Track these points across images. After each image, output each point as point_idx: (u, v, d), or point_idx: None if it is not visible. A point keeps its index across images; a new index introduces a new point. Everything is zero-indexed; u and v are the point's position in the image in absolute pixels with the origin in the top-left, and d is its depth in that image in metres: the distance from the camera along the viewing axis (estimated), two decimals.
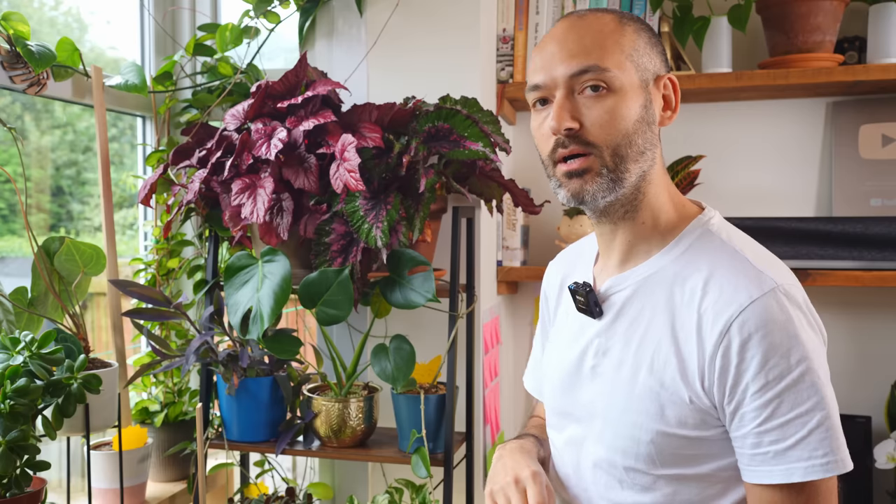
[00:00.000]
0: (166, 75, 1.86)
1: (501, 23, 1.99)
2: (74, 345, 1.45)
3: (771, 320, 0.91)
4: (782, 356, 0.90)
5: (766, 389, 0.91)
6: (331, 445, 1.59)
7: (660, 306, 0.99)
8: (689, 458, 0.97)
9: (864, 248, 1.79)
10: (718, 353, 0.93)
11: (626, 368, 1.01)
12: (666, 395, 0.97)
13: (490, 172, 1.58)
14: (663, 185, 1.04)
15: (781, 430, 0.91)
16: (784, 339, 0.91)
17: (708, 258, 0.99)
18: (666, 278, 1.00)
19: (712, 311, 0.94)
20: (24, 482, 1.24)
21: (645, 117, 1.01)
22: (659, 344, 0.98)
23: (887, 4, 1.81)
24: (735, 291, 0.93)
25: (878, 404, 1.96)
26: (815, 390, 0.91)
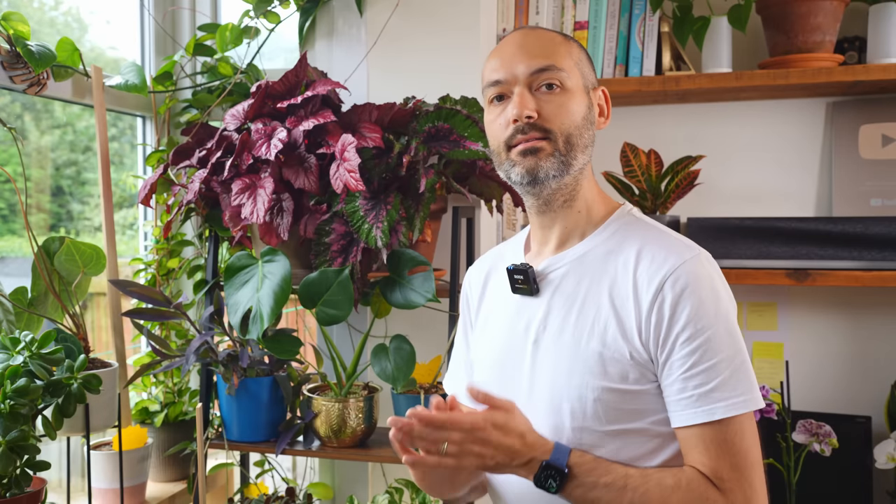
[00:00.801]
0: (166, 75, 1.86)
1: (501, 23, 1.99)
2: (74, 345, 1.45)
3: (699, 278, 1.04)
4: (708, 309, 1.03)
5: (694, 338, 1.02)
6: (331, 445, 1.59)
7: (596, 278, 1.11)
8: (630, 412, 1.06)
9: (864, 248, 1.79)
10: (654, 309, 1.04)
11: (568, 336, 1.10)
12: (608, 354, 1.07)
13: (490, 172, 1.58)
14: (593, 181, 1.19)
15: (705, 374, 1.02)
16: (709, 294, 1.04)
17: (637, 235, 1.12)
18: (599, 255, 1.13)
19: (646, 274, 1.07)
20: (24, 482, 1.24)
21: (588, 117, 1.15)
22: (598, 310, 1.09)
23: (887, 4, 1.81)
24: (667, 256, 1.07)
25: (878, 404, 1.96)
26: (734, 339, 1.04)
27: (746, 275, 1.83)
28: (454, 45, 1.76)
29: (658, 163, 1.89)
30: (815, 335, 2.02)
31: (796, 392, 2.00)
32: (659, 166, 1.89)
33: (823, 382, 2.01)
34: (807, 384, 2.02)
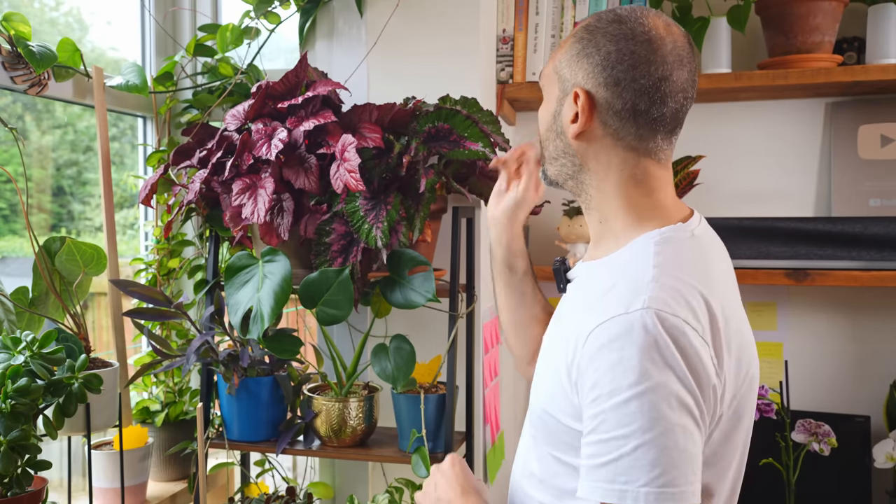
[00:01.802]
0: (167, 76, 1.87)
1: (501, 23, 1.99)
2: (75, 344, 1.45)
3: (625, 336, 0.89)
4: (617, 375, 0.88)
5: (597, 402, 0.90)
6: (331, 445, 1.60)
7: (582, 301, 1.05)
8: (566, 445, 1.00)
9: (863, 248, 1.80)
10: (582, 356, 0.94)
11: (553, 345, 1.07)
12: (557, 381, 1.00)
13: (490, 172, 1.58)
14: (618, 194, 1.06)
15: (598, 445, 0.90)
16: (624, 360, 0.88)
17: (626, 267, 1.00)
18: (597, 277, 1.06)
19: (593, 317, 0.94)
20: (26, 481, 1.25)
21: (553, 127, 1.09)
22: (567, 333, 1.00)
23: (886, 5, 1.82)
24: (610, 305, 0.93)
25: (877, 404, 1.96)
26: (641, 419, 0.87)
27: (746, 275, 1.83)
28: (454, 46, 1.77)
29: None
30: (814, 335, 2.03)
31: (795, 392, 2.00)
32: None
33: (822, 382, 2.01)
34: (806, 384, 2.02)
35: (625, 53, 1.00)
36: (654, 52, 1.00)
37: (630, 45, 1.00)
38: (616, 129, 1.03)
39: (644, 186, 1.05)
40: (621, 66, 1.00)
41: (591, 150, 1.06)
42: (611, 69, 1.01)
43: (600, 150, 1.05)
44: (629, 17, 1.02)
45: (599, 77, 1.02)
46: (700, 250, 1.03)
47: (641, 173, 1.05)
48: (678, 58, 1.02)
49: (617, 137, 1.03)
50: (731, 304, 1.02)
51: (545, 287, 2.16)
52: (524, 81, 1.97)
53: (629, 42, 1.01)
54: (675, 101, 1.03)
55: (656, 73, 1.00)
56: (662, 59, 1.00)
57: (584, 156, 1.06)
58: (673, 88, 1.02)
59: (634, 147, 1.04)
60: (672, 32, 1.02)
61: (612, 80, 1.01)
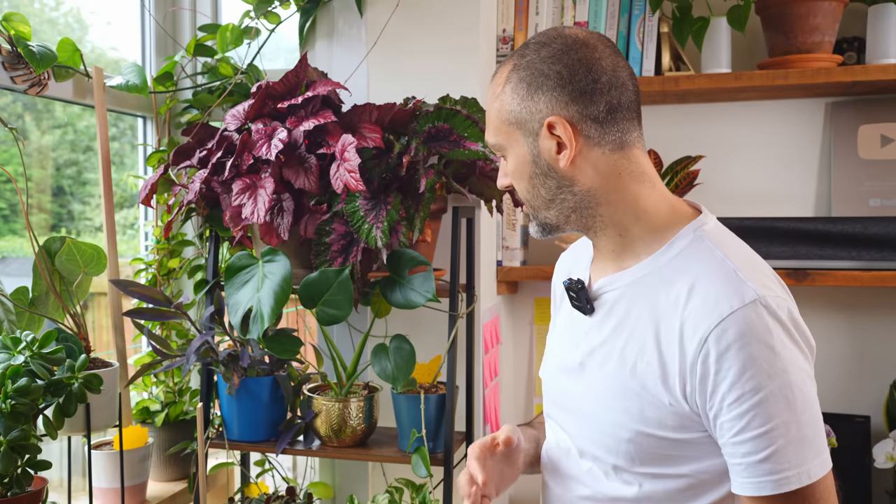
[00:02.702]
0: (167, 76, 1.87)
1: (501, 23, 1.99)
2: (75, 344, 1.45)
3: (748, 332, 0.92)
4: (758, 369, 0.91)
5: (742, 401, 0.92)
6: (331, 445, 1.60)
7: (646, 309, 1.01)
8: (668, 458, 1.00)
9: (863, 248, 1.80)
10: (698, 361, 0.94)
11: (611, 367, 1.03)
12: (647, 397, 0.99)
13: (490, 172, 1.58)
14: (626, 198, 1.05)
15: (754, 442, 0.92)
16: (761, 351, 0.91)
17: (695, 264, 0.99)
18: (654, 282, 1.02)
19: (694, 318, 0.95)
20: (26, 481, 1.25)
21: (536, 171, 1.05)
22: (643, 347, 0.99)
23: (886, 5, 1.82)
24: (717, 301, 0.94)
25: (877, 404, 1.96)
26: (789, 404, 0.91)
27: None
28: (454, 46, 1.77)
29: (658, 163, 1.89)
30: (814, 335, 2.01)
31: None
32: (658, 166, 1.89)
33: (822, 382, 2.00)
34: None
35: (573, 65, 1.01)
36: (593, 50, 1.02)
37: (572, 55, 1.02)
38: (598, 136, 1.02)
39: (644, 180, 1.05)
40: (578, 75, 1.01)
41: (583, 168, 1.04)
42: (571, 84, 1.01)
43: (591, 163, 1.03)
44: (551, 38, 1.04)
45: (563, 98, 1.01)
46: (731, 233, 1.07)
47: (635, 166, 1.04)
48: (609, 49, 1.04)
49: (601, 144, 1.03)
50: None
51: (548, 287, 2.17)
52: None
53: (569, 53, 1.02)
54: (633, 83, 1.05)
55: (608, 66, 1.02)
56: (602, 54, 1.02)
57: (581, 178, 1.04)
58: (624, 74, 1.03)
59: (619, 145, 1.03)
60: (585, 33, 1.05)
61: (577, 91, 1.01)
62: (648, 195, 1.05)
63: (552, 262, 2.15)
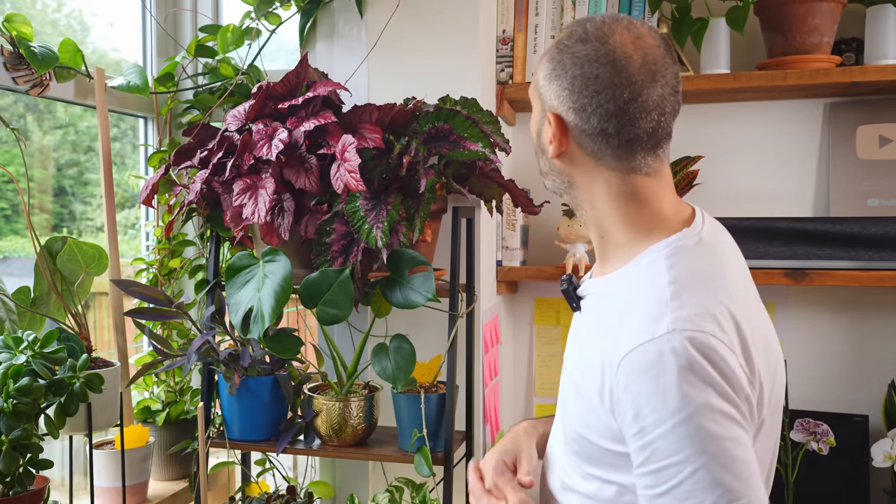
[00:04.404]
0: (168, 76, 1.87)
1: (501, 24, 2.00)
2: (77, 344, 1.46)
3: (649, 367, 0.89)
4: (657, 405, 0.88)
5: (642, 434, 0.90)
6: (331, 444, 1.60)
7: (603, 322, 1.01)
8: (610, 465, 0.99)
9: (862, 248, 1.80)
10: (615, 388, 0.93)
11: (576, 370, 1.05)
12: (590, 407, 0.99)
13: (490, 173, 1.58)
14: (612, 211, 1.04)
15: (652, 476, 0.90)
16: (660, 388, 0.88)
17: (641, 285, 0.98)
18: (613, 295, 1.02)
19: (619, 342, 0.93)
20: (27, 480, 1.25)
21: (539, 144, 1.08)
22: (592, 358, 0.99)
23: (884, 6, 1.82)
24: (634, 329, 0.92)
25: (876, 403, 1.97)
26: (691, 444, 0.87)
27: None
28: (454, 46, 1.77)
29: None
30: (812, 335, 2.03)
31: (794, 391, 2.01)
32: None
33: (821, 381, 2.02)
34: (804, 383, 2.03)
35: (588, 78, 0.98)
36: (618, 73, 0.97)
37: (593, 68, 0.98)
38: (593, 151, 1.01)
39: (637, 200, 1.03)
40: (586, 91, 0.98)
41: (574, 169, 1.04)
42: (577, 94, 0.99)
43: (583, 170, 1.04)
44: (595, 35, 0.99)
45: (567, 102, 1.01)
46: (712, 255, 1.01)
47: (630, 189, 1.02)
48: (649, 74, 0.98)
49: (597, 158, 1.02)
50: (752, 303, 1.01)
51: (548, 287, 2.18)
52: (524, 82, 1.97)
53: (592, 65, 0.98)
54: (649, 120, 0.99)
55: (622, 95, 0.97)
56: (628, 81, 0.97)
57: (570, 174, 1.05)
58: (644, 108, 0.98)
59: (616, 167, 1.01)
60: (642, 46, 0.98)
61: (578, 105, 1.00)
62: (635, 213, 1.03)
63: (552, 262, 2.16)
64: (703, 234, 1.02)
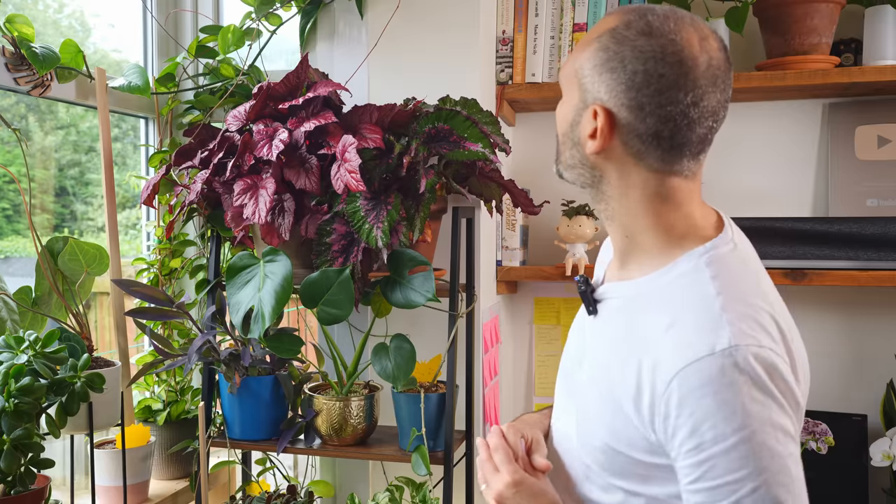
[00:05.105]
0: (169, 77, 1.88)
1: (501, 25, 2.00)
2: (78, 344, 1.46)
3: (710, 383, 0.87)
4: (718, 421, 0.86)
5: (699, 450, 0.88)
6: (332, 444, 1.61)
7: (635, 330, 0.98)
8: (639, 476, 0.97)
9: (861, 248, 1.81)
10: (663, 401, 0.90)
11: (598, 375, 1.01)
12: (621, 417, 0.96)
13: (490, 173, 1.59)
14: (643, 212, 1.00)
15: (710, 493, 0.88)
16: (722, 405, 0.86)
17: (683, 295, 0.94)
18: (647, 304, 0.98)
19: (667, 355, 0.91)
20: (29, 480, 1.26)
21: (570, 135, 1.01)
22: (624, 367, 0.96)
23: (883, 7, 1.83)
24: (689, 342, 0.89)
25: (874, 403, 1.97)
26: (751, 461, 0.86)
27: None
28: (454, 47, 1.78)
29: None
30: (811, 334, 2.04)
31: None
32: None
33: (820, 381, 2.02)
34: None
35: (652, 76, 0.92)
36: (685, 75, 0.92)
37: (659, 66, 0.92)
38: (638, 151, 0.96)
39: (671, 202, 0.99)
40: (647, 89, 0.93)
41: (610, 166, 0.99)
42: (635, 91, 0.93)
43: (620, 168, 0.99)
44: (661, 30, 0.93)
45: (622, 97, 0.94)
46: (745, 262, 0.99)
47: (666, 190, 0.99)
48: (712, 79, 0.93)
49: (639, 158, 0.97)
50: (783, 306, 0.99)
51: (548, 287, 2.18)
52: (524, 83, 1.98)
53: (658, 63, 0.92)
54: (704, 126, 0.95)
55: (685, 99, 0.92)
56: (693, 83, 0.92)
57: (603, 170, 1.00)
58: (703, 113, 0.94)
59: (657, 169, 0.98)
60: (708, 48, 0.93)
61: (635, 103, 0.94)
62: (668, 217, 1.00)
63: (552, 262, 2.16)
64: (735, 239, 1.00)
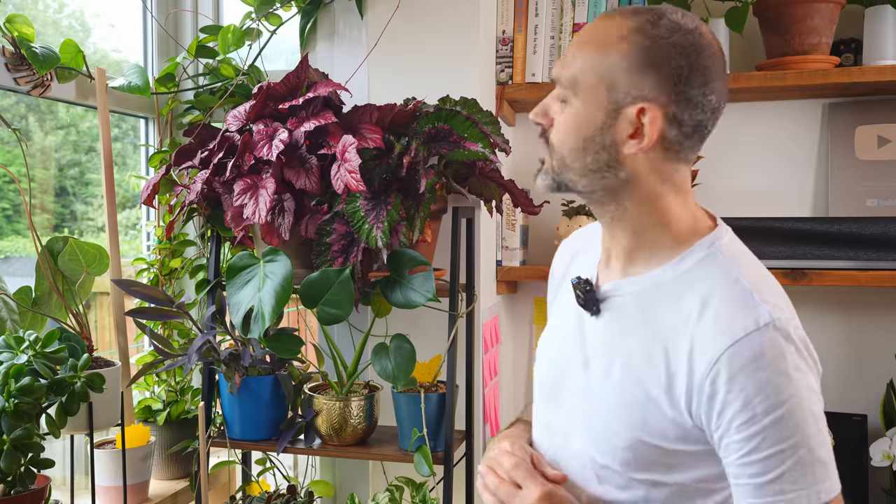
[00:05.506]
0: (169, 77, 1.88)
1: (501, 25, 2.00)
2: (78, 344, 1.46)
3: (762, 356, 0.91)
4: (770, 393, 0.91)
5: (751, 423, 0.91)
6: (332, 444, 1.61)
7: (655, 321, 0.99)
8: (666, 466, 0.99)
9: (860, 248, 1.81)
10: (707, 381, 0.93)
11: (615, 373, 1.01)
12: (650, 408, 0.97)
13: (490, 173, 1.59)
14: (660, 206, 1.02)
15: (762, 464, 0.91)
16: (773, 375, 0.91)
17: (708, 280, 0.98)
18: (665, 293, 1.00)
19: (705, 337, 0.94)
20: (29, 480, 1.26)
21: (596, 139, 0.98)
22: (650, 358, 0.98)
23: (883, 7, 1.83)
24: (731, 321, 0.93)
25: (874, 403, 1.97)
26: (799, 428, 0.91)
27: None
28: (454, 47, 1.78)
29: None
30: (811, 335, 2.00)
31: None
32: None
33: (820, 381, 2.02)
34: None
35: (697, 69, 0.95)
36: (722, 66, 0.98)
37: (701, 59, 0.96)
38: (675, 143, 0.98)
39: (682, 192, 1.03)
40: (695, 80, 0.95)
41: (642, 163, 0.99)
42: (683, 84, 0.95)
43: (650, 163, 0.99)
44: (687, 26, 0.97)
45: (672, 92, 0.95)
46: (744, 249, 1.06)
47: (681, 180, 1.03)
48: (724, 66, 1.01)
49: (674, 151, 0.99)
50: None
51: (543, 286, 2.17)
52: (524, 83, 1.98)
53: (700, 56, 0.96)
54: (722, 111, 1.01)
55: (723, 88, 0.98)
56: (724, 71, 0.99)
57: (635, 170, 0.99)
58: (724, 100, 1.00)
59: (685, 160, 1.02)
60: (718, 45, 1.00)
61: (683, 96, 0.95)
62: (678, 206, 1.03)
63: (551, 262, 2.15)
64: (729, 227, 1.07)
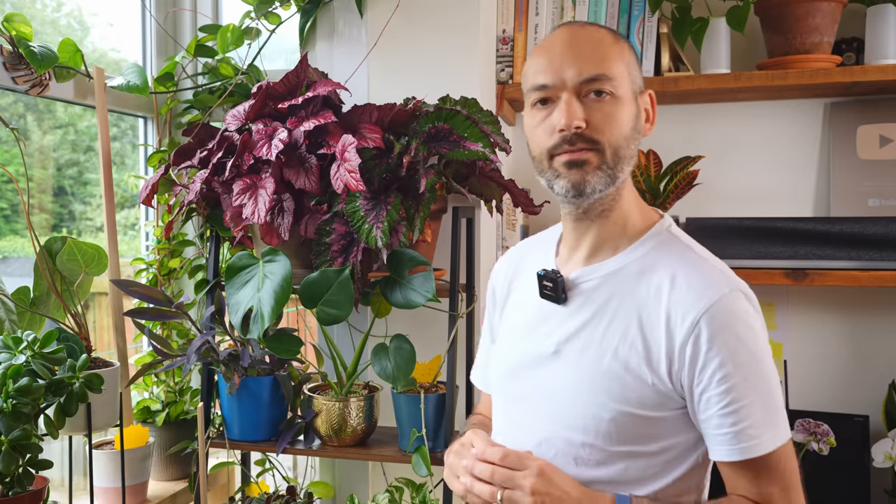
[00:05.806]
0: (168, 76, 1.87)
1: (501, 24, 2.00)
2: (76, 344, 1.46)
3: (736, 316, 1.03)
4: (744, 348, 1.02)
5: (729, 377, 1.02)
6: (331, 444, 1.60)
7: (626, 298, 1.09)
8: (644, 436, 1.07)
9: (862, 248, 1.80)
10: (689, 342, 1.03)
11: (592, 352, 1.09)
12: (629, 378, 1.06)
13: (490, 173, 1.58)
14: (634, 192, 1.15)
15: (740, 412, 1.02)
16: (746, 332, 1.03)
17: (671, 258, 1.09)
18: (632, 273, 1.10)
19: (681, 304, 1.04)
20: (27, 481, 1.25)
21: (636, 126, 1.11)
22: (625, 332, 1.07)
23: (885, 6, 1.82)
24: (704, 288, 1.04)
25: (876, 403, 1.97)
26: (766, 378, 1.03)
27: (745, 275, 1.80)
28: (454, 46, 1.77)
29: (657, 163, 1.89)
30: (813, 335, 2.03)
31: (794, 391, 2.01)
32: (658, 167, 1.89)
33: (821, 382, 2.02)
34: (805, 383, 2.03)
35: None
36: None
37: None
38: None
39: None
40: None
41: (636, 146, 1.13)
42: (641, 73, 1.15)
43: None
44: None
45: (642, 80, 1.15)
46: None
47: None
48: None
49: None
50: None
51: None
52: None
53: None
54: None
55: None
56: None
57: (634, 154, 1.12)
58: None
59: None
60: None
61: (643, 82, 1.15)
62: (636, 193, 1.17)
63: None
64: None
